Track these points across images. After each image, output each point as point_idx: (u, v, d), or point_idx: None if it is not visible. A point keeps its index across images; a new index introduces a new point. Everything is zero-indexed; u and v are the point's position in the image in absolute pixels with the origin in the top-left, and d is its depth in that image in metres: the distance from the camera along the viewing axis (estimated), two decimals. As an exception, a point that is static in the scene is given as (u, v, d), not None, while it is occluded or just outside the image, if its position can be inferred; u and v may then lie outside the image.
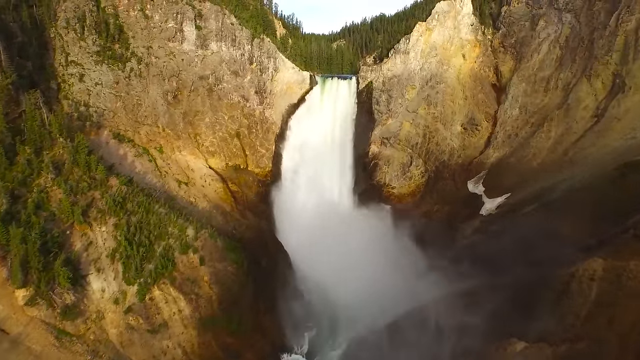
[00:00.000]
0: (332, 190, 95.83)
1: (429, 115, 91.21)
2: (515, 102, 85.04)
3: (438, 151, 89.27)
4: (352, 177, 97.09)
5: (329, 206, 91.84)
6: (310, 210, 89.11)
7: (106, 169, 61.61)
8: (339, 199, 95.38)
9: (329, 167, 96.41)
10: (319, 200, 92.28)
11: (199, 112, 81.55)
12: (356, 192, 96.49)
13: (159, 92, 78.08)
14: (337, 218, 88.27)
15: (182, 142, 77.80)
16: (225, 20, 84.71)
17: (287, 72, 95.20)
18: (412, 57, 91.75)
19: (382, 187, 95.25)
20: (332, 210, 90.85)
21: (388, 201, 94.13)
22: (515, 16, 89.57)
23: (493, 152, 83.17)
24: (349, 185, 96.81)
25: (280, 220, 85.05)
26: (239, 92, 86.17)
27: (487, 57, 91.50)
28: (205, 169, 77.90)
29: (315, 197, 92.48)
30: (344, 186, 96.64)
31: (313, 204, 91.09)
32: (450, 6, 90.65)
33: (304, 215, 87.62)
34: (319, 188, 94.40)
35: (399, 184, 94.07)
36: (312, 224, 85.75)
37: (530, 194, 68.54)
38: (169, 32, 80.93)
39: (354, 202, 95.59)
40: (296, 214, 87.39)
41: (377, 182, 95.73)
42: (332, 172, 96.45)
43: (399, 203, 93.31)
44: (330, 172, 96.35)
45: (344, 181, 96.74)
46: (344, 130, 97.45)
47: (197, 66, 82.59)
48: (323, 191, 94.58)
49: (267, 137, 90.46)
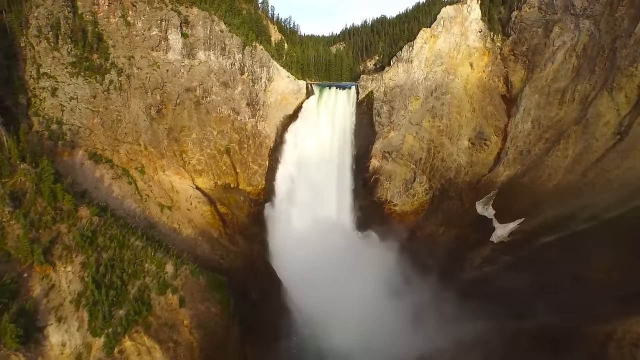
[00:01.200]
0: (330, 208, 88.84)
1: (434, 128, 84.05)
2: (527, 115, 77.84)
3: (443, 167, 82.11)
4: (351, 193, 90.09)
5: (326, 225, 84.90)
6: (306, 230, 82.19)
7: (78, 197, 54.81)
8: (337, 217, 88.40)
9: (326, 183, 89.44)
10: (316, 219, 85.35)
11: (185, 128, 74.48)
12: (356, 210, 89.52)
13: (141, 106, 71.03)
14: (335, 239, 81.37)
15: (167, 161, 70.76)
16: (214, 27, 77.52)
17: (282, 81, 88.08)
18: (416, 65, 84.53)
19: (383, 204, 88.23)
20: (330, 230, 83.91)
21: (390, 219, 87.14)
22: (526, 22, 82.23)
23: (503, 170, 76.01)
24: (348, 202, 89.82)
25: (274, 243, 78.13)
26: (229, 104, 79.07)
27: (496, 66, 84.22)
28: (191, 190, 70.89)
29: (312, 216, 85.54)
30: (342, 203, 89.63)
31: (310, 223, 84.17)
32: (456, 11, 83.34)
33: (299, 237, 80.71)
34: (316, 206, 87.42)
35: (401, 201, 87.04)
36: (308, 247, 78.83)
37: (546, 220, 61.48)
38: (152, 40, 73.84)
39: (354, 221, 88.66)
40: (291, 235, 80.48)
41: (378, 199, 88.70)
42: (330, 188, 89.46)
43: (401, 222, 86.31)
44: (328, 188, 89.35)
45: (343, 197, 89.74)
46: (342, 143, 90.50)
47: (183, 77, 75.50)
48: (320, 209, 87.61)
49: (260, 152, 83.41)
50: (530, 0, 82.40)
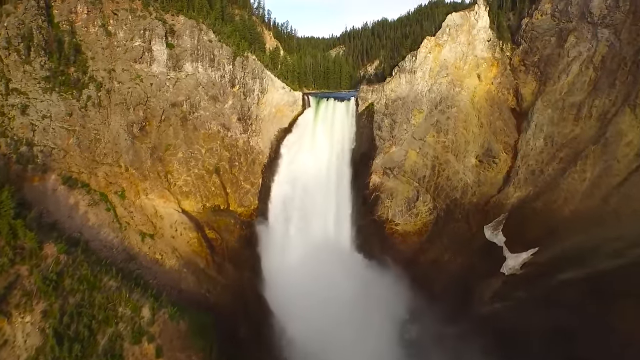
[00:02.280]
0: (328, 228, 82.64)
1: (439, 144, 77.66)
2: (539, 131, 71.40)
3: (449, 187, 75.77)
4: (350, 211, 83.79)
5: (324, 247, 78.71)
6: (302, 253, 76.08)
7: (45, 230, 48.80)
8: (335, 237, 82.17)
9: (324, 201, 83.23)
10: (313, 241, 79.16)
11: (170, 146, 68.27)
12: (355, 229, 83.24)
13: (123, 123, 64.81)
14: (333, 263, 75.10)
15: (150, 183, 64.59)
16: (201, 36, 71.14)
17: (277, 93, 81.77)
18: (419, 76, 78.06)
19: (384, 224, 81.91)
20: (328, 252, 77.71)
21: (391, 239, 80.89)
22: (538, 30, 75.60)
23: (514, 191, 69.65)
24: (346, 220, 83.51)
25: (267, 268, 72.12)
26: (219, 120, 72.79)
27: (505, 78, 77.67)
28: (177, 214, 64.73)
29: (308, 237, 79.38)
30: (341, 222, 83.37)
31: (305, 245, 77.99)
32: (463, 19, 76.73)
33: (294, 260, 74.69)
34: (313, 225, 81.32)
35: (403, 220, 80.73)
36: (303, 271, 72.81)
37: (564, 252, 55.22)
38: (135, 51, 67.56)
39: (353, 241, 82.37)
40: (286, 259, 74.48)
41: (379, 218, 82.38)
42: (327, 206, 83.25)
43: (403, 243, 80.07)
44: (325, 206, 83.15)
45: (341, 216, 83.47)
46: (341, 158, 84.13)
47: (169, 91, 69.24)
48: (317, 229, 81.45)
49: (252, 169, 77.20)
50: (542, 7, 75.78)
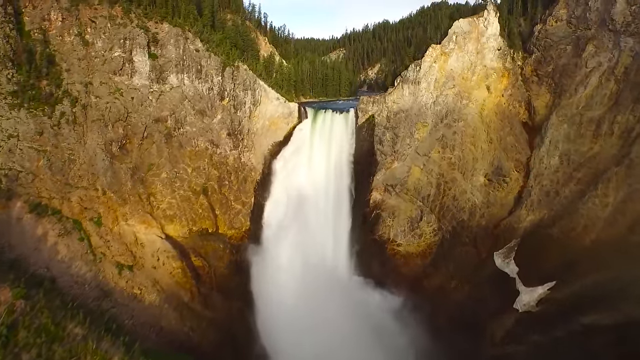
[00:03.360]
0: (326, 248, 76.41)
1: (444, 160, 71.29)
2: (554, 148, 64.95)
3: (455, 207, 69.45)
4: (349, 230, 77.57)
5: (321, 271, 72.51)
6: (297, 278, 69.82)
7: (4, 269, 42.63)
8: (333, 259, 76.01)
9: (321, 219, 77.02)
10: (309, 263, 72.90)
11: (153, 166, 62.15)
12: (354, 250, 77.05)
13: (100, 142, 58.70)
14: (331, 288, 68.97)
15: (130, 208, 58.53)
16: (187, 46, 64.82)
17: (271, 104, 75.48)
18: (424, 87, 71.60)
19: (385, 244, 75.68)
20: (326, 276, 71.54)
21: (392, 261, 74.71)
22: (553, 38, 68.94)
23: (526, 214, 63.33)
24: (345, 240, 77.31)
25: (259, 297, 65.98)
26: (207, 136, 66.60)
27: (517, 89, 71.10)
28: (159, 241, 58.67)
29: (304, 260, 73.13)
30: (339, 242, 77.17)
31: (301, 269, 71.77)
32: (471, 25, 70.12)
33: (289, 286, 68.46)
34: (309, 246, 75.03)
35: (405, 241, 74.49)
36: (299, 298, 66.76)
37: (586, 289, 48.99)
38: (114, 63, 61.36)
39: (352, 264, 76.19)
40: (280, 285, 68.24)
41: (380, 237, 76.14)
42: (325, 225, 77.02)
43: (406, 265, 73.88)
44: (323, 226, 76.92)
45: (340, 236, 77.24)
46: (339, 174, 77.86)
47: (152, 106, 63.06)
48: (314, 250, 75.16)
49: (244, 188, 71.07)
50: (557, 13, 69.09)
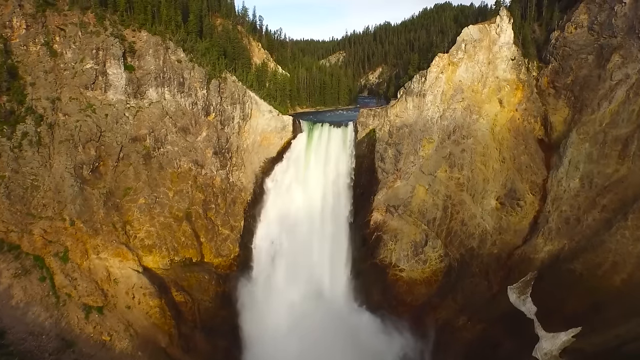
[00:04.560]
0: (322, 275, 69.57)
1: (452, 180, 64.29)
2: (574, 169, 57.91)
3: (464, 233, 62.50)
4: (347, 253, 70.65)
5: (317, 302, 65.85)
6: (291, 311, 63.31)
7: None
8: (330, 287, 69.17)
9: (318, 242, 70.27)
10: (304, 293, 66.38)
11: (130, 190, 55.27)
12: (353, 275, 70.20)
13: (69, 165, 51.82)
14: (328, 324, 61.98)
15: (103, 239, 51.69)
16: (168, 56, 57.77)
17: (262, 117, 68.48)
18: (430, 101, 64.48)
19: (386, 268, 68.77)
20: (322, 309, 64.75)
21: (394, 288, 67.84)
22: (572, 46, 61.67)
23: (543, 244, 56.35)
24: (343, 265, 70.39)
25: (247, 333, 59.56)
26: (190, 156, 59.64)
27: (532, 103, 63.90)
28: (135, 276, 51.82)
29: (299, 288, 66.55)
30: (337, 267, 70.26)
31: (296, 298, 65.33)
32: (482, 33, 62.83)
33: (282, 321, 61.94)
34: (305, 273, 68.35)
35: (409, 266, 67.56)
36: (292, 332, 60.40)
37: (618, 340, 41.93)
38: (86, 76, 54.48)
39: (350, 290, 69.31)
40: (272, 320, 61.69)
41: (381, 261, 69.24)
42: (322, 249, 70.18)
43: (409, 292, 67.02)
44: (319, 249, 70.15)
45: (338, 260, 70.32)
46: (337, 193, 70.94)
47: (129, 123, 56.13)
48: (310, 277, 68.49)
49: (232, 210, 64.21)
50: (577, 19, 61.81)
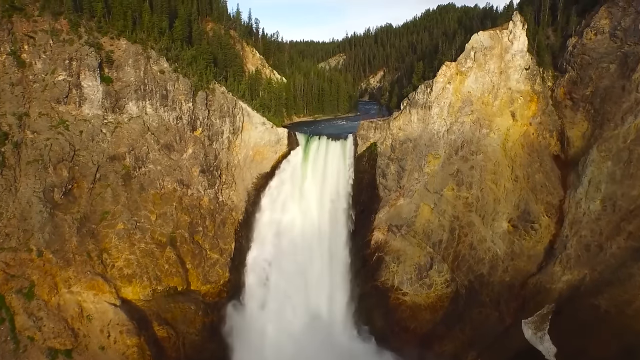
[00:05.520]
0: (320, 299, 64.20)
1: (460, 200, 58.64)
2: (594, 190, 52.21)
3: (473, 258, 56.91)
4: (347, 275, 65.15)
5: (314, 329, 60.47)
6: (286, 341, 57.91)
7: None
8: (329, 312, 63.85)
9: (315, 263, 64.92)
10: (300, 320, 61.01)
11: (107, 215, 49.67)
12: (352, 298, 64.69)
13: (37, 188, 46.23)
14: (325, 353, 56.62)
15: (75, 270, 46.16)
16: (150, 67, 52.03)
17: (255, 131, 62.90)
18: (436, 113, 58.80)
19: (388, 292, 63.30)
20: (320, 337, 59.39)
21: (397, 312, 62.40)
22: (592, 54, 55.84)
23: (561, 273, 50.74)
24: (342, 288, 64.87)
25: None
26: (174, 175, 54.00)
27: (547, 116, 58.10)
28: (112, 311, 46.30)
29: (295, 315, 61.37)
30: (335, 290, 64.85)
31: (291, 326, 59.96)
32: (493, 39, 56.95)
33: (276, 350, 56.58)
34: (301, 297, 63.03)
35: (412, 290, 62.03)
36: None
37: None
38: (58, 89, 48.77)
39: (349, 315, 63.89)
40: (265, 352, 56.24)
41: (382, 284, 63.76)
42: (319, 270, 64.86)
43: (413, 318, 61.57)
44: (317, 271, 64.82)
45: (336, 282, 64.93)
46: (335, 210, 65.42)
47: (106, 141, 50.47)
48: (306, 302, 63.26)
49: (222, 232, 58.65)
50: (598, 24, 55.96)
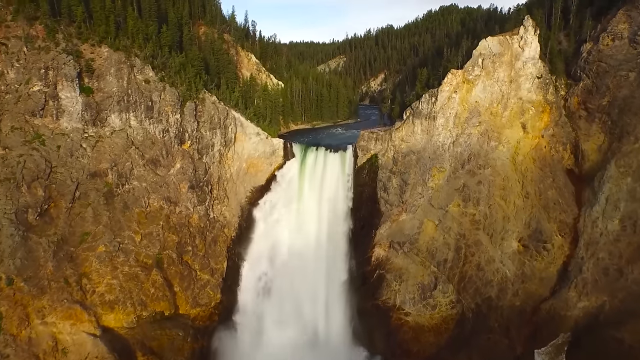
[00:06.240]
0: (318, 320, 60.30)
1: (466, 217, 54.58)
2: (613, 208, 48.12)
3: (480, 279, 52.88)
4: (346, 293, 61.24)
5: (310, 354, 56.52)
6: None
7: None
8: (327, 333, 59.95)
9: (312, 281, 60.94)
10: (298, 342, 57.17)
11: (87, 236, 45.68)
12: (352, 317, 60.81)
13: (9, 210, 42.31)
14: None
15: (50, 298, 42.24)
16: (134, 76, 47.90)
17: (249, 142, 58.89)
18: (441, 124, 54.65)
19: (390, 311, 59.38)
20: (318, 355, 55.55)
21: (399, 333, 58.48)
22: (609, 61, 51.58)
23: (577, 299, 46.70)
24: (341, 307, 61.01)
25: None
26: (161, 192, 49.94)
27: (560, 128, 53.88)
28: (91, 342, 42.40)
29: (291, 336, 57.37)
30: (334, 309, 60.95)
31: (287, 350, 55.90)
32: (503, 46, 52.68)
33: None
34: (298, 318, 59.18)
35: (415, 310, 58.13)
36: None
37: None
38: (33, 100, 44.71)
39: (348, 335, 60.00)
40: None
41: (383, 303, 59.83)
42: (317, 289, 60.98)
43: (416, 340, 57.66)
44: (315, 289, 60.89)
45: (335, 301, 61.03)
46: (334, 225, 61.50)
47: (86, 156, 46.45)
48: (304, 323, 59.39)
49: (213, 251, 54.65)
50: (615, 28, 51.68)
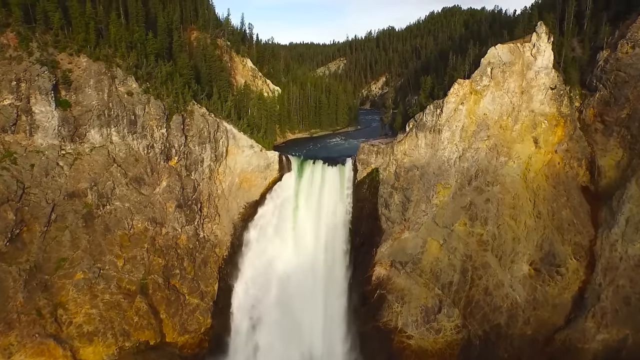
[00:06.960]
0: (315, 343, 56.59)
1: (473, 237, 50.65)
2: (634, 231, 44.27)
3: (488, 305, 49.00)
4: (345, 314, 57.44)
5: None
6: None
7: None
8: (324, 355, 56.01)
9: (309, 301, 57.22)
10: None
11: (64, 263, 41.80)
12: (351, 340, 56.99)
13: (-23, 236, 38.30)
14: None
15: (19, 334, 38.45)
16: (116, 88, 43.88)
17: (242, 155, 54.94)
18: (446, 138, 50.66)
19: (391, 334, 55.71)
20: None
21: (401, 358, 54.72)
22: (629, 71, 47.52)
23: (596, 330, 42.84)
24: (339, 328, 57.21)
25: None
26: (146, 213, 46.02)
27: (575, 142, 49.84)
28: (66, 380, 38.62)
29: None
30: (332, 331, 57.14)
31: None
32: (514, 54, 48.56)
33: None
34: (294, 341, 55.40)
35: (418, 333, 54.40)
36: None
37: None
38: (4, 115, 40.97)
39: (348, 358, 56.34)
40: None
41: (384, 325, 56.14)
42: (314, 309, 57.19)
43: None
44: (312, 310, 57.11)
45: (333, 324, 57.24)
46: (332, 242, 57.76)
47: (63, 175, 42.53)
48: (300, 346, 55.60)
49: (203, 273, 50.79)
50: (635, 35, 47.66)
